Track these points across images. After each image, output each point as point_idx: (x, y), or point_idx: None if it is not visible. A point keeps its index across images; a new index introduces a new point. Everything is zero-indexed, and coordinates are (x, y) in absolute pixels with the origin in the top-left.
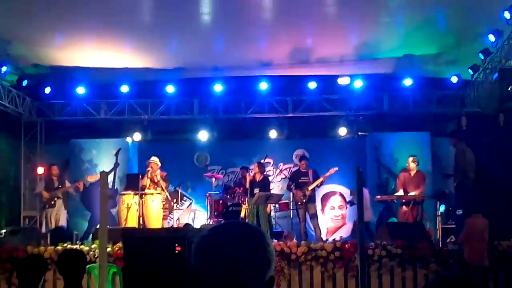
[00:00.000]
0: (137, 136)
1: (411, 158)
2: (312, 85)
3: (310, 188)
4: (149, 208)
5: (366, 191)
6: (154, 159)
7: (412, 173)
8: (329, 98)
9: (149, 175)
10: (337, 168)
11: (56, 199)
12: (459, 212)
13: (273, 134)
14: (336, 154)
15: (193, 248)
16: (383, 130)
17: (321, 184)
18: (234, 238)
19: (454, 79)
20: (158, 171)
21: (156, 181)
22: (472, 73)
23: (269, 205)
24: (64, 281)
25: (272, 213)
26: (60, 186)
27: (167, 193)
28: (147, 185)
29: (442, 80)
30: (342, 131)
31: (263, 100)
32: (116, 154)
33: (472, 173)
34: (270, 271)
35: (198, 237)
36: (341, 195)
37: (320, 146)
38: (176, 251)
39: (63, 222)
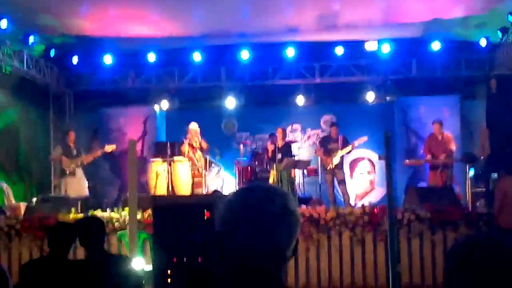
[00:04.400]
0: (165, 104)
1: (436, 123)
2: (339, 50)
3: (337, 155)
4: (178, 175)
5: None
6: (194, 125)
7: (440, 137)
8: (356, 63)
9: (189, 141)
10: (366, 138)
11: (76, 168)
12: (494, 176)
13: (300, 100)
14: (364, 120)
15: (218, 211)
16: (411, 95)
17: (350, 151)
18: (258, 200)
19: (483, 42)
20: (197, 138)
21: (195, 146)
22: (501, 35)
23: (294, 171)
24: (85, 250)
25: (301, 179)
26: (78, 154)
27: (208, 157)
28: (186, 151)
29: (471, 43)
30: (370, 96)
31: (290, 66)
32: (145, 122)
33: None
34: (295, 232)
35: (225, 199)
36: (370, 160)
37: (348, 111)
38: (205, 218)
39: (84, 192)
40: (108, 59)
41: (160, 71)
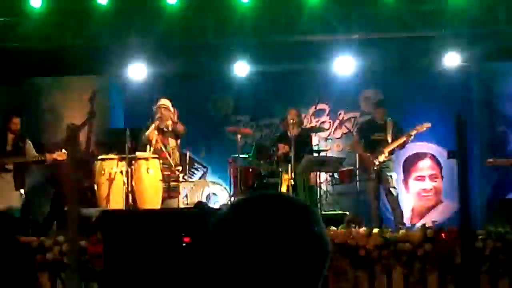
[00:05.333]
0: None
1: None
2: None
3: (387, 149)
4: (142, 179)
5: None
6: (164, 101)
7: None
8: (414, 11)
9: (158, 125)
10: (429, 125)
11: (2, 172)
12: None
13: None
14: (426, 96)
15: (207, 236)
16: (499, 59)
17: (405, 144)
18: (265, 218)
19: None
20: (170, 120)
21: (166, 134)
22: None
23: (317, 174)
24: None
25: (328, 187)
26: (14, 150)
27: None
28: (154, 140)
29: None
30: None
31: (314, 15)
32: (92, 99)
33: None
34: (322, 267)
35: (214, 219)
36: (434, 158)
37: (401, 84)
38: (184, 244)
39: (13, 206)
40: (35, 2)
41: (116, 21)
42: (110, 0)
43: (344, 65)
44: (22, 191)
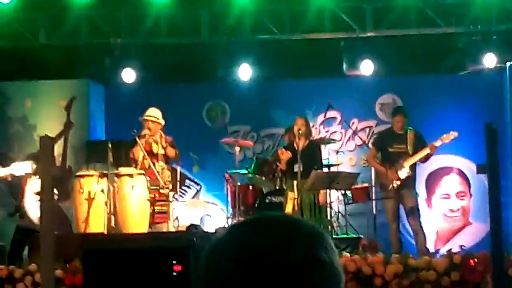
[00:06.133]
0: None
1: None
2: None
3: (407, 163)
4: (127, 199)
5: None
6: (153, 112)
7: None
8: (438, 5)
9: (145, 141)
10: (456, 134)
11: None
12: None
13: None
14: (451, 102)
15: (201, 263)
16: None
17: (428, 158)
18: (268, 243)
19: None
20: (159, 134)
21: (155, 151)
22: None
23: (327, 192)
24: None
25: (340, 207)
26: None
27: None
28: (141, 158)
29: None
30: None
31: (322, 10)
32: (68, 107)
33: None
34: None
35: (207, 244)
36: (461, 173)
37: (423, 88)
38: (175, 273)
39: None
40: None
41: (97, 17)
42: None
43: (358, 67)
44: None
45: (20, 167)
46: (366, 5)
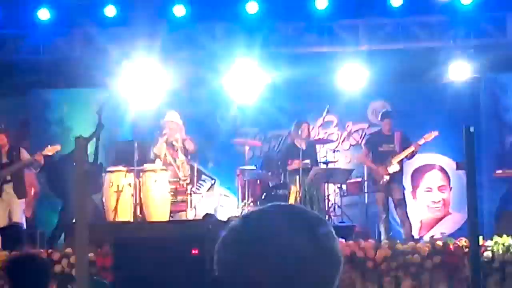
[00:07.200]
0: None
1: None
2: (397, 1)
3: (395, 160)
4: (150, 192)
5: None
6: (173, 115)
7: None
8: (422, 22)
9: (166, 140)
10: (437, 133)
11: (3, 184)
12: None
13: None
14: (433, 107)
15: (217, 248)
16: (508, 70)
17: (413, 155)
18: (276, 229)
19: None
20: (179, 134)
21: (176, 148)
22: None
23: (326, 186)
24: None
25: (337, 199)
26: (10, 161)
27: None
28: (163, 155)
29: None
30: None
31: (322, 26)
32: (99, 111)
33: None
34: (333, 279)
35: (223, 231)
36: (442, 170)
37: (409, 95)
38: (192, 256)
39: (18, 218)
40: (44, 14)
41: (123, 29)
42: (117, 11)
43: (352, 76)
44: (24, 200)
45: None
46: (359, 22)
